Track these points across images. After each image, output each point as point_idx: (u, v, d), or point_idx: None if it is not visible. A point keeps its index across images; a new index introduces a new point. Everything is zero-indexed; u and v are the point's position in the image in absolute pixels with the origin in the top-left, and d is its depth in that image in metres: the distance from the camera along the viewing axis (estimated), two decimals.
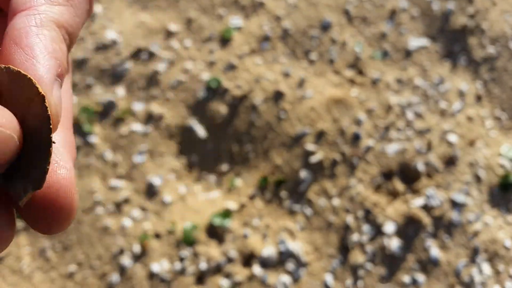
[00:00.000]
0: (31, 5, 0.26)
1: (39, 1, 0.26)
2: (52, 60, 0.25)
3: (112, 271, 1.17)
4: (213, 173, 1.30)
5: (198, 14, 1.52)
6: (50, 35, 0.26)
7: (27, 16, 0.26)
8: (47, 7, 0.26)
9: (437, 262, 1.14)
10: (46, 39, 0.25)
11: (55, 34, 0.26)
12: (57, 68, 0.25)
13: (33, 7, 0.26)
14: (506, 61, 1.42)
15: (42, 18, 0.26)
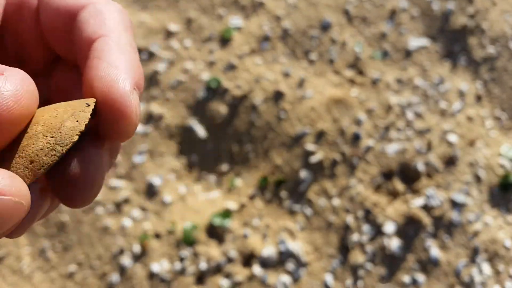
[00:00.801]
0: (105, 33, 0.29)
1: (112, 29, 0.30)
2: (133, 72, 0.28)
3: (112, 271, 1.17)
4: (213, 173, 1.30)
5: (198, 14, 1.52)
6: (129, 53, 0.29)
7: (105, 40, 0.29)
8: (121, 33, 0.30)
9: (437, 262, 1.14)
10: (126, 56, 0.29)
11: (133, 54, 0.29)
12: (136, 79, 0.28)
13: (108, 35, 0.29)
14: (506, 61, 1.42)
15: (120, 41, 0.29)
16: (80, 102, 0.28)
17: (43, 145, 0.26)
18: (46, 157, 0.26)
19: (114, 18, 0.31)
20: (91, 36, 0.29)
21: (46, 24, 0.32)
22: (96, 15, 0.30)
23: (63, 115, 0.27)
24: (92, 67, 0.28)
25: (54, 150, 0.26)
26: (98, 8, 0.31)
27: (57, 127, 0.27)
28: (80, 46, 0.30)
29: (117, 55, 0.29)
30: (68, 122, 0.27)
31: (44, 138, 0.26)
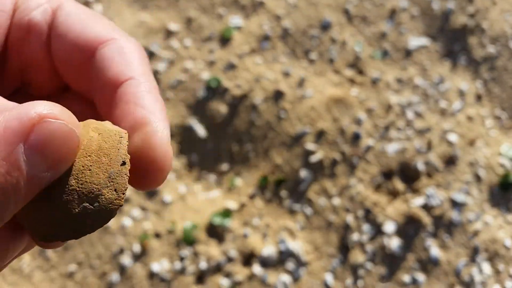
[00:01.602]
0: (134, 75, 0.29)
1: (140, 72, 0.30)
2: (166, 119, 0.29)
3: (112, 271, 1.17)
4: (213, 172, 1.30)
5: (198, 13, 1.52)
6: (160, 100, 0.29)
7: (136, 84, 0.29)
8: (146, 77, 0.30)
9: (437, 262, 1.14)
10: (160, 103, 0.29)
11: (160, 99, 0.30)
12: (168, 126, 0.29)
13: (137, 78, 0.29)
14: (506, 61, 1.42)
15: (150, 86, 0.30)
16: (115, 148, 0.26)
17: (80, 211, 0.25)
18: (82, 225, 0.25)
19: (138, 57, 0.30)
20: (118, 77, 0.29)
21: (59, 55, 0.31)
22: (119, 53, 0.30)
23: (98, 171, 0.25)
24: (127, 111, 0.28)
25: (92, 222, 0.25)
26: (120, 46, 0.30)
27: (94, 192, 0.25)
28: (104, 85, 0.30)
29: (152, 102, 0.29)
30: (106, 190, 0.25)
31: (79, 203, 0.25)
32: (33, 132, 0.22)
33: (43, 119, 0.22)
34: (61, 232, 0.25)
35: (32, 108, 0.22)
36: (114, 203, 0.25)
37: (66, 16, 0.31)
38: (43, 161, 0.22)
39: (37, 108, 0.22)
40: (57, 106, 0.23)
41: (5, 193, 0.21)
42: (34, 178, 0.22)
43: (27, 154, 0.22)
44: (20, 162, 0.22)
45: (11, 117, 0.22)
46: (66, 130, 0.23)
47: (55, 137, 0.23)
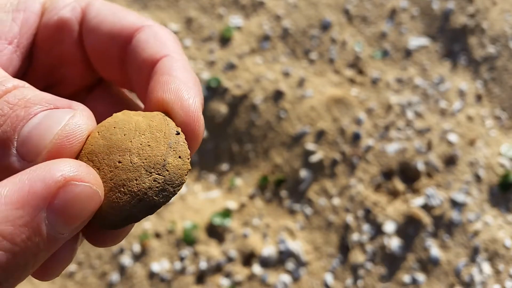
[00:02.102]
0: (169, 53, 0.31)
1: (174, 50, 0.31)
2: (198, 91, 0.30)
3: (112, 271, 1.17)
4: (213, 172, 1.30)
5: (198, 13, 1.52)
6: (193, 73, 0.31)
7: (171, 59, 0.30)
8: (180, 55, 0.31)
9: (437, 262, 1.14)
10: (193, 76, 0.30)
11: (194, 74, 0.31)
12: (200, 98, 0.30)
13: (171, 55, 0.31)
14: (506, 61, 1.42)
15: (182, 61, 0.31)
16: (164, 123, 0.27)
17: (151, 183, 0.25)
18: (157, 197, 0.25)
19: (172, 40, 0.32)
20: (154, 55, 0.30)
21: (94, 47, 0.32)
22: (154, 36, 0.31)
23: (157, 145, 0.26)
24: (162, 82, 0.29)
25: (165, 191, 0.25)
26: (155, 30, 0.32)
27: (160, 163, 0.26)
28: (139, 65, 0.31)
29: (185, 73, 0.30)
30: (171, 159, 0.26)
31: (148, 175, 0.25)
32: (57, 196, 0.22)
33: (69, 182, 0.22)
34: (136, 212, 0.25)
35: (58, 169, 0.22)
36: (183, 168, 0.26)
37: (97, 11, 0.32)
38: (64, 224, 0.22)
39: (63, 170, 0.22)
40: (82, 166, 0.23)
41: (25, 258, 0.21)
42: (53, 241, 0.22)
43: (49, 218, 0.21)
44: (42, 228, 0.21)
45: (36, 178, 0.21)
46: (90, 192, 0.23)
47: (79, 200, 0.22)
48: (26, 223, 0.21)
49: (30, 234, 0.21)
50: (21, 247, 0.21)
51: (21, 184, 0.21)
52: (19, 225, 0.21)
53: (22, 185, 0.21)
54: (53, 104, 0.25)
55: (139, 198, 0.25)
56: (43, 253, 0.22)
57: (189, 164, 0.27)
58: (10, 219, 0.20)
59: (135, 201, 0.25)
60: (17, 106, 0.24)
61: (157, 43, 0.31)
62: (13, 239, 0.20)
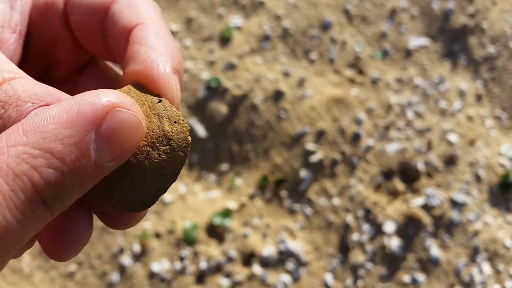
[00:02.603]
0: (142, 20, 0.30)
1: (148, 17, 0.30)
2: (172, 56, 0.29)
3: (112, 271, 1.17)
4: (213, 172, 1.30)
5: (198, 13, 1.52)
6: (167, 39, 0.29)
7: (144, 26, 0.29)
8: (157, 21, 0.30)
9: (437, 262, 1.14)
10: (164, 40, 0.29)
11: (171, 40, 0.30)
12: (176, 64, 0.29)
13: (145, 22, 0.30)
14: (506, 61, 1.42)
15: (157, 28, 0.30)
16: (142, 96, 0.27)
17: (162, 157, 0.25)
18: (174, 165, 0.26)
19: (147, 7, 0.31)
20: (128, 25, 0.30)
21: (77, 23, 0.32)
22: (129, 5, 0.30)
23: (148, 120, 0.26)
24: (132, 52, 0.28)
25: (177, 158, 0.26)
26: (130, 0, 0.31)
27: (160, 135, 0.26)
28: (116, 36, 0.30)
29: (157, 40, 0.29)
30: (168, 127, 0.26)
31: (155, 151, 0.25)
32: (105, 120, 0.22)
33: (116, 108, 0.22)
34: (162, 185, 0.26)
35: (105, 96, 0.22)
36: (183, 131, 0.26)
37: None
38: (111, 151, 0.23)
39: (111, 97, 0.23)
40: (126, 96, 0.23)
41: (72, 180, 0.21)
42: (100, 168, 0.22)
43: (97, 143, 0.22)
44: (90, 150, 0.22)
45: (84, 101, 0.22)
46: (135, 121, 0.23)
47: (126, 128, 0.23)
48: (75, 143, 0.21)
49: (79, 155, 0.21)
50: (70, 168, 0.21)
51: (70, 106, 0.22)
52: (69, 144, 0.21)
53: (70, 107, 0.22)
54: (43, 101, 0.25)
55: (160, 173, 0.25)
56: (89, 179, 0.22)
57: (186, 124, 0.27)
58: (59, 138, 0.21)
59: (157, 177, 0.25)
60: (8, 104, 0.24)
61: (130, 11, 0.30)
62: (62, 158, 0.21)
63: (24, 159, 0.20)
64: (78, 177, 0.22)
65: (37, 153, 0.20)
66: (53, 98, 0.25)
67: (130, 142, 0.23)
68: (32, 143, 0.21)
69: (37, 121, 0.21)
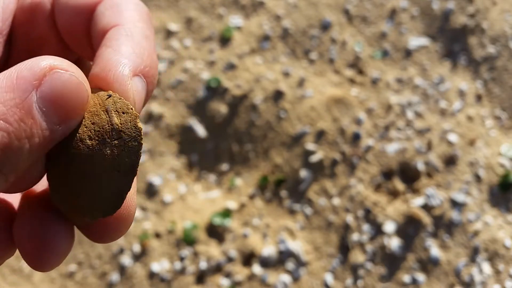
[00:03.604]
0: (119, 22, 0.29)
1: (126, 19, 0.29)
2: (137, 59, 0.27)
3: (112, 271, 1.17)
4: (213, 172, 1.30)
5: (198, 13, 1.52)
6: (139, 41, 0.28)
7: (117, 29, 0.29)
8: (135, 23, 0.29)
9: (437, 262, 1.14)
10: (134, 43, 0.28)
11: (144, 42, 0.29)
12: (142, 67, 0.28)
13: (121, 24, 0.29)
14: (506, 61, 1.42)
15: (132, 29, 0.29)
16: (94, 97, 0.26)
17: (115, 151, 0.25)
18: (129, 158, 0.25)
19: (130, 9, 0.30)
20: (105, 27, 0.29)
21: (63, 24, 0.32)
22: (112, 7, 0.30)
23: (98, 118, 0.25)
24: (97, 54, 0.28)
25: (131, 148, 0.25)
26: (115, 1, 0.30)
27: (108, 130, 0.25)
28: (96, 38, 0.30)
29: (124, 42, 0.28)
30: (116, 119, 0.25)
31: (107, 147, 0.25)
32: (45, 81, 0.23)
33: (54, 69, 0.23)
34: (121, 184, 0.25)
35: (42, 60, 0.23)
36: (131, 119, 0.26)
37: None
38: (55, 112, 0.23)
39: (48, 60, 0.23)
40: (65, 60, 0.24)
41: (20, 139, 0.22)
42: (47, 130, 0.23)
43: (39, 104, 0.22)
44: (34, 110, 0.22)
45: (22, 67, 0.23)
46: (76, 82, 0.23)
47: (67, 88, 0.23)
48: (16, 104, 0.22)
49: (22, 115, 0.22)
50: (15, 128, 0.22)
51: (9, 72, 0.22)
52: (11, 106, 0.22)
53: (9, 73, 0.22)
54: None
55: (116, 170, 0.25)
56: (38, 140, 0.22)
57: (134, 112, 0.26)
58: (1, 101, 0.22)
59: (114, 174, 0.25)
60: None
61: (112, 13, 0.30)
62: (6, 119, 0.21)
63: None
64: (25, 137, 0.22)
65: None
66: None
67: (73, 102, 0.23)
68: None
69: None
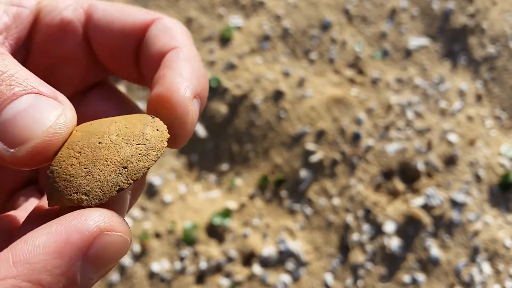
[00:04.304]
0: (176, 45, 0.31)
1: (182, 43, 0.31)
2: (196, 82, 0.30)
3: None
4: (213, 172, 1.30)
5: (198, 13, 1.52)
6: (196, 64, 0.31)
7: (176, 51, 0.31)
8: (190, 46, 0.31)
9: (437, 262, 1.14)
10: (193, 67, 0.30)
11: (200, 65, 0.31)
12: (200, 89, 0.30)
13: (178, 47, 0.31)
14: (506, 61, 1.42)
15: (189, 53, 0.31)
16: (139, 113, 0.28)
17: (133, 151, 0.26)
18: (141, 162, 0.26)
19: (181, 32, 0.32)
20: (163, 49, 0.31)
21: (105, 46, 0.32)
22: (165, 30, 0.32)
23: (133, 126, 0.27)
24: (159, 75, 0.29)
25: (148, 156, 0.26)
26: (166, 24, 0.32)
27: (138, 135, 0.27)
28: (151, 59, 0.31)
29: (185, 65, 0.30)
30: (149, 130, 0.27)
31: (129, 146, 0.26)
32: (92, 246, 0.23)
33: (103, 232, 0.23)
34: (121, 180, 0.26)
35: (93, 220, 0.23)
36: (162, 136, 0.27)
37: (104, 11, 0.32)
38: (95, 271, 0.23)
39: (98, 220, 0.23)
40: (114, 216, 0.24)
41: None
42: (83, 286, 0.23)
43: (83, 267, 0.22)
44: (77, 277, 0.22)
45: (72, 228, 0.22)
46: (122, 241, 0.24)
47: (111, 250, 0.23)
48: (63, 273, 0.22)
49: (67, 283, 0.22)
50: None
51: (58, 235, 0.22)
52: (57, 275, 0.22)
53: (59, 236, 0.22)
54: (37, 89, 0.25)
55: (124, 166, 0.26)
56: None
57: (167, 133, 0.27)
58: (48, 269, 0.21)
59: (120, 168, 0.26)
60: (1, 80, 0.25)
61: (166, 36, 0.31)
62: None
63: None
64: None
65: (27, 286, 0.21)
66: (47, 90, 0.26)
67: (114, 261, 0.24)
68: (22, 275, 0.21)
69: (27, 251, 0.22)
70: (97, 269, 0.23)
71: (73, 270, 0.22)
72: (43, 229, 0.22)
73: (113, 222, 0.24)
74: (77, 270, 0.22)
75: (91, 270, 0.23)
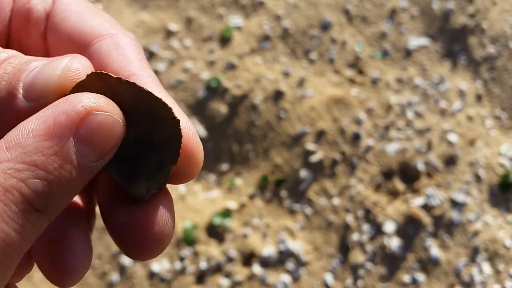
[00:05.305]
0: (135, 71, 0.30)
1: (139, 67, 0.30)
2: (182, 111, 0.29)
3: (112, 270, 1.17)
4: (213, 172, 1.30)
5: (198, 13, 1.52)
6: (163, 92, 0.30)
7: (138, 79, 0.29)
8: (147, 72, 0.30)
9: (437, 262, 1.14)
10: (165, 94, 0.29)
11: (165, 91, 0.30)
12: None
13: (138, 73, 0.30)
14: (506, 61, 1.42)
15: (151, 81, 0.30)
16: None
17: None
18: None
19: (135, 52, 0.31)
20: (118, 73, 0.30)
21: (54, 46, 0.32)
22: (116, 49, 0.31)
23: None
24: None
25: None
26: (117, 41, 0.31)
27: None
28: None
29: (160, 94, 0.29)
30: None
31: None
32: (81, 125, 0.23)
33: (90, 112, 0.23)
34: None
35: (78, 102, 0.24)
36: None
37: (64, 7, 0.32)
38: (92, 152, 0.24)
39: (84, 101, 0.24)
40: (101, 97, 0.24)
41: (60, 186, 0.23)
42: (85, 169, 0.24)
43: (77, 147, 0.23)
44: (72, 155, 0.23)
45: (58, 111, 0.23)
46: (112, 120, 0.24)
47: (103, 129, 0.24)
48: (55, 152, 0.22)
49: (61, 162, 0.23)
50: (55, 175, 0.22)
51: (46, 118, 0.23)
52: (50, 155, 0.22)
53: (46, 119, 0.23)
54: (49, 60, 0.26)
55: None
56: (76, 181, 0.23)
57: None
58: (40, 150, 0.22)
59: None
60: (19, 64, 0.26)
61: (120, 57, 0.30)
62: (46, 168, 0.22)
63: (11, 174, 0.22)
64: (65, 182, 0.23)
65: (22, 167, 0.22)
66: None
67: (110, 140, 0.24)
68: (16, 158, 0.22)
69: (18, 136, 0.23)
70: (94, 149, 0.23)
71: (65, 150, 0.23)
72: (33, 116, 0.23)
73: (100, 102, 0.24)
74: (70, 149, 0.23)
75: (88, 150, 0.23)
